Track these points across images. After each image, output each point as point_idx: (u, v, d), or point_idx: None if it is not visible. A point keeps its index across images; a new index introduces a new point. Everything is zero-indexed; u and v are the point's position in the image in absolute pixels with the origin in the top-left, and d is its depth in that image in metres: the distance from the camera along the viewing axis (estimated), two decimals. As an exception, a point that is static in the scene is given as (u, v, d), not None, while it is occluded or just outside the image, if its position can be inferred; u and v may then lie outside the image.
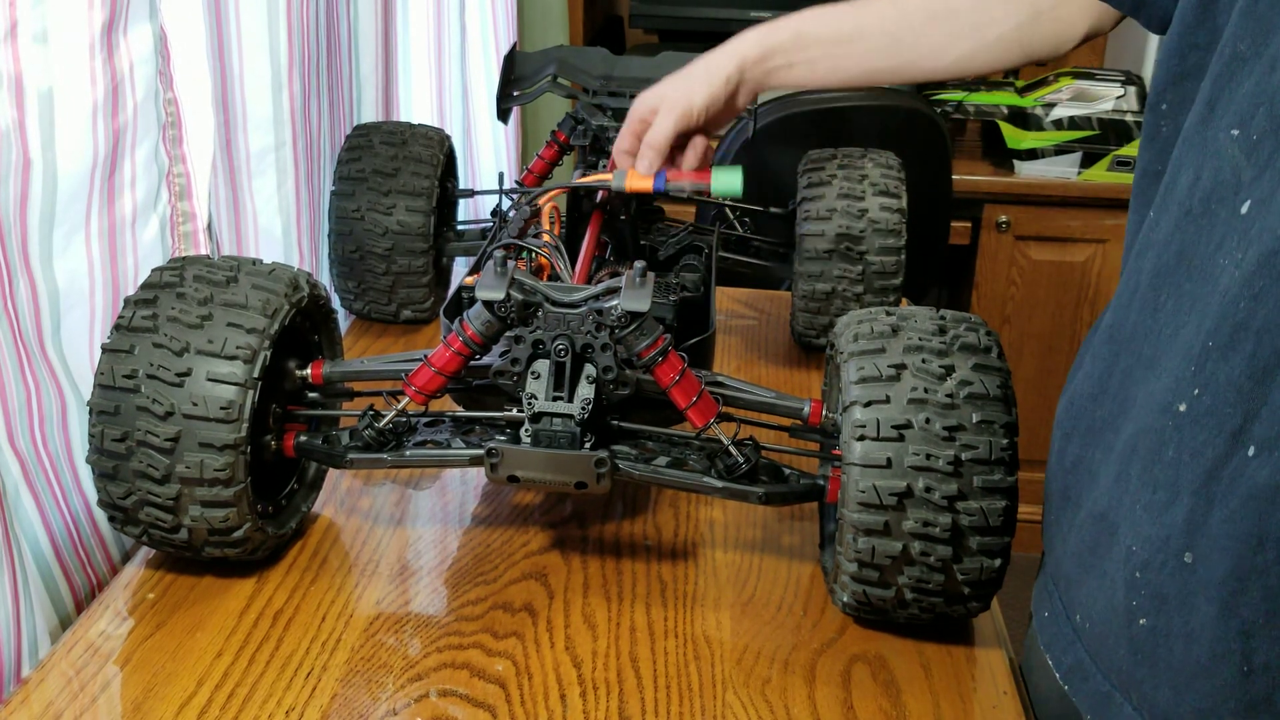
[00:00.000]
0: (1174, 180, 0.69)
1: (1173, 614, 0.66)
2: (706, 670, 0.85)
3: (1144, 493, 0.68)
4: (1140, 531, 0.68)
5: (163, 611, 0.88)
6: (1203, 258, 0.66)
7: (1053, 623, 0.80)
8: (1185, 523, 0.65)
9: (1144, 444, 0.69)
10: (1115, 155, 2.21)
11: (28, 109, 0.87)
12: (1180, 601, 0.66)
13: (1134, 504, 0.69)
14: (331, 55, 1.41)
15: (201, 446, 0.84)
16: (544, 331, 0.87)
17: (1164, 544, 0.66)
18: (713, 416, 0.89)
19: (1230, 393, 0.62)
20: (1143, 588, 0.68)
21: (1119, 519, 0.71)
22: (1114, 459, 0.72)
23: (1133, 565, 0.69)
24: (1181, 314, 0.67)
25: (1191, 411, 0.64)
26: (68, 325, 0.95)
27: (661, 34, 2.62)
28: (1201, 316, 0.65)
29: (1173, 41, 0.72)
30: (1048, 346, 2.39)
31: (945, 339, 0.85)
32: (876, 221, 1.27)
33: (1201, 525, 0.64)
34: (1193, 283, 0.66)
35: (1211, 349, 0.63)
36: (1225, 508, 0.63)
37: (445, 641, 0.87)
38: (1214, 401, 0.63)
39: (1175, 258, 0.68)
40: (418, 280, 1.34)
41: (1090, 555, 0.75)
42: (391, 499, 1.05)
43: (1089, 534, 0.75)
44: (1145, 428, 0.69)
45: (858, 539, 0.82)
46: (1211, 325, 0.63)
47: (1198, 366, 0.64)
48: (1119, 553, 0.71)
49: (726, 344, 1.41)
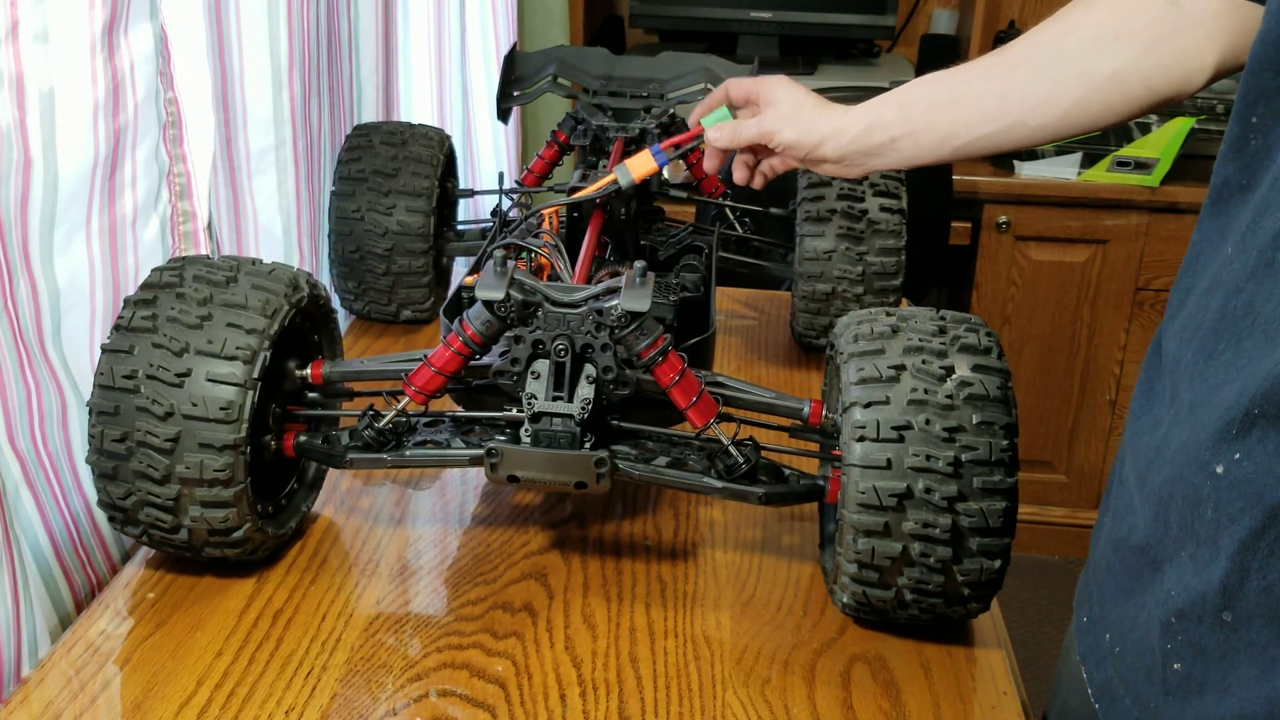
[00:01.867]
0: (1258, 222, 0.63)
1: (1210, 667, 0.65)
2: (706, 670, 0.85)
3: (1187, 544, 0.66)
4: (1182, 579, 0.66)
5: (163, 611, 0.88)
6: (1268, 317, 0.61)
7: (1089, 631, 0.78)
8: (1222, 584, 0.63)
9: (1180, 494, 0.66)
10: (1115, 156, 2.21)
11: (29, 108, 0.87)
12: (1220, 656, 0.64)
13: (1178, 550, 0.67)
14: (332, 55, 1.41)
15: (201, 447, 0.84)
16: (544, 331, 0.87)
17: (1202, 599, 0.64)
18: (713, 416, 0.89)
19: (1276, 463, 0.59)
20: (1179, 633, 0.66)
21: (1163, 559, 0.68)
22: (1150, 497, 0.70)
23: (1169, 609, 0.67)
24: (1235, 369, 0.63)
25: (1229, 476, 0.62)
26: (68, 325, 0.95)
27: (661, 34, 2.63)
28: (1250, 378, 0.61)
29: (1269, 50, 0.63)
30: (1048, 347, 2.39)
31: (945, 340, 0.85)
32: (876, 221, 1.27)
33: (1239, 590, 0.62)
34: (1253, 340, 0.62)
35: (1258, 417, 0.60)
36: (1263, 578, 0.61)
37: (445, 641, 0.87)
38: (1254, 471, 0.60)
39: (1243, 309, 0.63)
40: (418, 280, 1.34)
41: (1130, 581, 0.73)
42: (391, 499, 1.05)
43: (1129, 560, 0.73)
44: (1180, 477, 0.66)
45: (858, 540, 0.82)
46: (1262, 392, 0.60)
47: (1239, 431, 0.61)
48: (1159, 592, 0.68)
49: (726, 344, 1.41)
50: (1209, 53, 0.84)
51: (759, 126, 1.01)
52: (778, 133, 1.00)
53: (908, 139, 0.95)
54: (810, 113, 1.00)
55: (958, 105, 0.93)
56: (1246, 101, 0.66)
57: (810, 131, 0.98)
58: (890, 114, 0.95)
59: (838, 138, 0.97)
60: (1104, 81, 0.88)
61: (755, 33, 2.51)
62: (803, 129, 0.99)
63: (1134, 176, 2.22)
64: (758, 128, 1.01)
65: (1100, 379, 2.41)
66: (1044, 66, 0.90)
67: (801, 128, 0.99)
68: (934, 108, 0.94)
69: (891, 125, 0.95)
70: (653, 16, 2.52)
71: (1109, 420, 2.44)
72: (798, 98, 1.01)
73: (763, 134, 1.01)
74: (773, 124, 1.00)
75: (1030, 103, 0.91)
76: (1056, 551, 2.53)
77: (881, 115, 0.95)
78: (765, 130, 1.01)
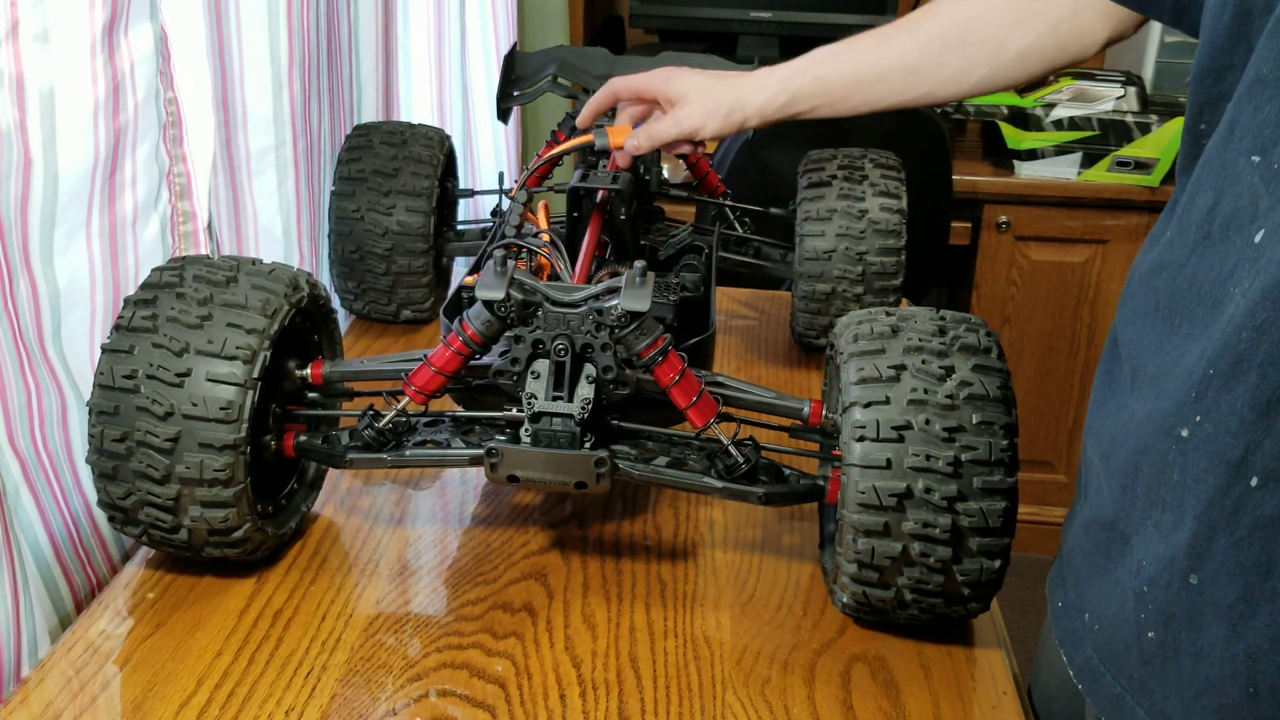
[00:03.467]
0: (1193, 201, 0.68)
1: (1180, 631, 0.67)
2: (706, 670, 0.85)
3: (1153, 511, 0.68)
4: (1150, 548, 0.68)
5: (163, 611, 0.88)
6: (1213, 284, 0.65)
7: (1066, 614, 0.80)
8: (1189, 546, 0.65)
9: (1147, 463, 0.69)
10: (1115, 156, 2.21)
11: (29, 108, 0.87)
12: (1188, 620, 0.66)
13: (1144, 519, 0.69)
14: (332, 55, 1.41)
15: (201, 447, 0.84)
16: (544, 331, 0.88)
17: (1170, 564, 0.67)
18: (712, 416, 0.89)
19: (1232, 423, 0.62)
20: (1149, 602, 0.68)
21: (1130, 531, 0.71)
22: (1116, 472, 0.72)
23: (1141, 579, 0.69)
24: (1192, 338, 0.66)
25: (1193, 438, 0.64)
26: (68, 325, 0.95)
27: (661, 34, 2.63)
28: (1205, 342, 0.64)
29: (1207, 60, 0.69)
30: (1048, 347, 2.39)
31: (945, 340, 0.85)
32: (876, 221, 1.27)
33: (1206, 550, 0.64)
34: (1203, 308, 0.66)
35: (1213, 377, 0.63)
36: (1229, 535, 0.63)
37: (445, 641, 0.87)
38: (1215, 430, 0.63)
39: (1188, 282, 0.67)
40: (418, 280, 1.34)
41: (1102, 559, 0.75)
42: (391, 499, 1.05)
43: (1099, 538, 0.75)
44: (1147, 447, 0.69)
45: (857, 540, 0.82)
46: (1214, 353, 0.63)
47: (1199, 393, 0.64)
48: (1130, 564, 0.71)
49: (726, 344, 1.41)
50: (1100, 30, 0.94)
51: (679, 127, 1.02)
52: (701, 128, 1.02)
53: (825, 107, 1.02)
54: (721, 95, 1.02)
55: (873, 81, 1.01)
56: (1194, 113, 0.70)
57: (732, 115, 1.01)
58: (809, 87, 1.01)
59: (760, 115, 1.02)
60: (1011, 59, 0.97)
61: (755, 33, 2.51)
62: (724, 117, 1.01)
63: (1134, 176, 2.22)
64: (678, 129, 1.02)
65: (1100, 379, 2.41)
66: (956, 45, 0.99)
67: (722, 115, 1.01)
68: (850, 82, 1.01)
69: (811, 98, 1.02)
70: (653, 16, 2.53)
71: (1109, 420, 2.44)
72: (702, 86, 1.03)
73: (685, 133, 1.03)
74: (692, 121, 1.02)
75: (942, 77, 1.00)
76: (1056, 551, 2.53)
77: (800, 89, 1.01)
78: (687, 129, 1.02)
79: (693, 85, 1.02)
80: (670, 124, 1.02)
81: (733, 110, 1.01)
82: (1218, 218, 0.65)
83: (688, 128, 1.02)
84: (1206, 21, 0.68)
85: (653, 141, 1.04)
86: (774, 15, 2.49)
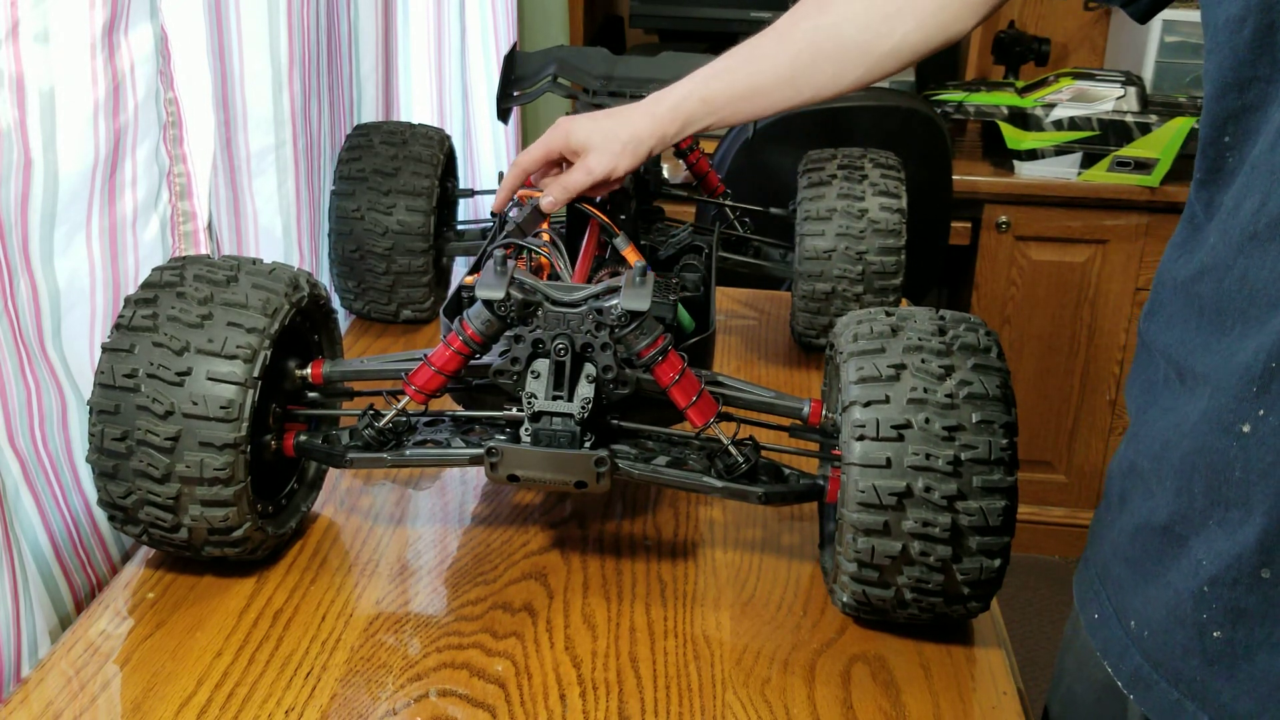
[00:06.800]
0: (1237, 206, 0.68)
1: (1253, 627, 0.67)
2: (706, 670, 0.85)
3: (1215, 510, 0.69)
4: (1213, 546, 0.69)
5: (163, 611, 0.88)
6: (1266, 281, 0.66)
7: (1104, 626, 0.79)
8: (1259, 541, 0.66)
9: (1204, 463, 0.69)
10: (1115, 156, 2.21)
11: (29, 108, 0.87)
12: (1262, 615, 0.67)
13: (1205, 519, 0.69)
14: (332, 55, 1.41)
15: (201, 446, 0.84)
16: (544, 331, 0.88)
17: (1237, 560, 0.67)
18: (712, 416, 0.89)
19: None
20: (1214, 601, 0.69)
21: (1188, 532, 0.71)
22: (1170, 475, 0.72)
23: (1200, 579, 0.69)
24: (1246, 336, 0.67)
25: (1256, 433, 0.65)
26: (68, 325, 0.95)
27: (661, 34, 2.63)
28: (1263, 338, 0.65)
29: (1230, 74, 0.69)
30: (1048, 346, 2.39)
31: (945, 339, 0.85)
32: (876, 221, 1.27)
33: (1278, 543, 0.65)
34: (1257, 307, 0.66)
35: (1276, 370, 0.64)
36: None
37: (445, 641, 0.87)
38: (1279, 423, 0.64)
39: (1237, 283, 0.68)
40: (418, 280, 1.34)
41: (1153, 564, 0.74)
42: (391, 499, 1.05)
43: (1149, 543, 0.75)
44: (1204, 447, 0.69)
45: (857, 539, 0.82)
46: (1273, 347, 0.64)
47: (1260, 388, 0.65)
48: (1187, 566, 0.71)
49: (726, 344, 1.41)
50: (968, 19, 0.98)
51: (591, 176, 1.05)
52: (614, 169, 1.04)
53: (720, 122, 1.06)
54: (621, 133, 1.05)
55: (755, 95, 1.05)
56: (1215, 126, 0.70)
57: (639, 149, 1.05)
58: (698, 109, 1.04)
59: (660, 142, 1.06)
60: (883, 56, 1.01)
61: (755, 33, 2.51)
62: (631, 153, 1.05)
63: (1134, 176, 2.21)
64: (589, 177, 1.05)
65: (1100, 379, 2.41)
66: (826, 54, 1.02)
67: (630, 153, 1.05)
68: (734, 99, 1.05)
69: (703, 118, 1.05)
70: (653, 16, 2.53)
71: (1109, 420, 2.44)
72: (601, 129, 1.05)
73: (598, 179, 1.05)
74: (603, 166, 1.04)
75: (818, 84, 1.03)
76: (1056, 551, 2.53)
77: (691, 113, 1.04)
78: (599, 175, 1.05)
79: (593, 131, 1.05)
80: (582, 173, 1.05)
81: (637, 144, 1.04)
82: (1264, 218, 0.66)
83: (600, 174, 1.04)
84: (1223, 37, 0.68)
85: (567, 193, 1.06)
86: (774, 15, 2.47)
